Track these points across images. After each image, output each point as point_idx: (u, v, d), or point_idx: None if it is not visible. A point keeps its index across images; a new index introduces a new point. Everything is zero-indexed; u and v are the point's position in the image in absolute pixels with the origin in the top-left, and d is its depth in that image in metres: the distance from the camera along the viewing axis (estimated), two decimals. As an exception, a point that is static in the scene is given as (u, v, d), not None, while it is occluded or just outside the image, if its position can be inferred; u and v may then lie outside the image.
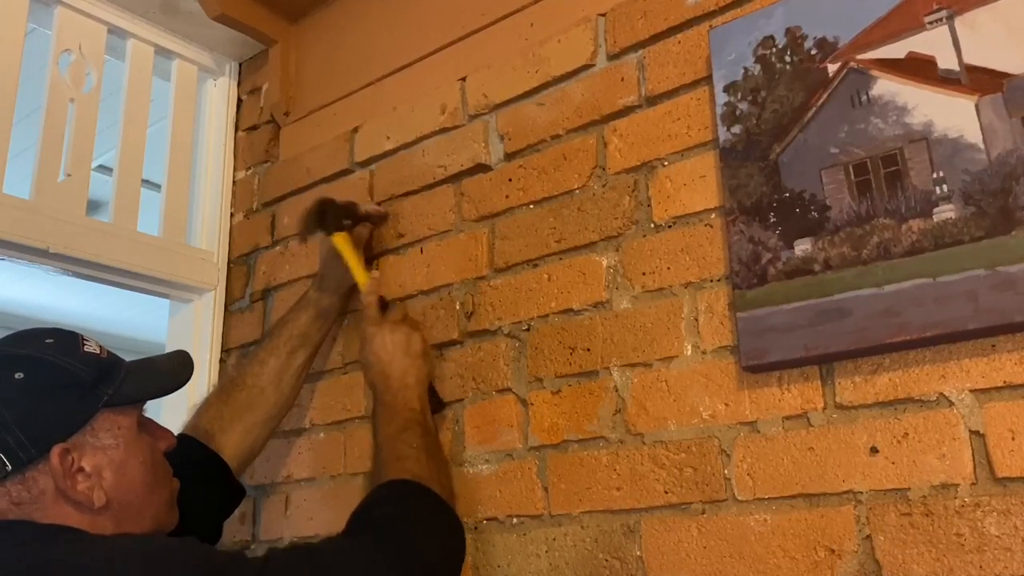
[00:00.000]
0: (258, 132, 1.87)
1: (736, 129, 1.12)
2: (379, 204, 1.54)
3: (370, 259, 1.51)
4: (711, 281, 1.13)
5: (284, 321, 1.46)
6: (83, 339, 1.02)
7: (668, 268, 1.18)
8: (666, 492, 1.11)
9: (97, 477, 0.96)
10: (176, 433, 1.27)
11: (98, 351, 1.01)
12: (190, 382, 1.28)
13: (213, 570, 0.90)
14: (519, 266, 1.34)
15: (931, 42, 0.99)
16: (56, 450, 0.93)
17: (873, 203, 1.00)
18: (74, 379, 0.96)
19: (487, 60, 1.46)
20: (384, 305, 1.39)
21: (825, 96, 1.06)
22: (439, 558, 1.07)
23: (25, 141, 1.55)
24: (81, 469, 0.95)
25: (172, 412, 1.52)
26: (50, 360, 0.96)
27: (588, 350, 1.23)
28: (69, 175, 1.58)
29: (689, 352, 1.13)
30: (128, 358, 1.06)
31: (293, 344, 1.43)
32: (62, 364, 0.97)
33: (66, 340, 1.00)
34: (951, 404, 0.94)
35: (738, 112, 1.12)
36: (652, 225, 1.21)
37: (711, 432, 1.09)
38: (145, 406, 1.06)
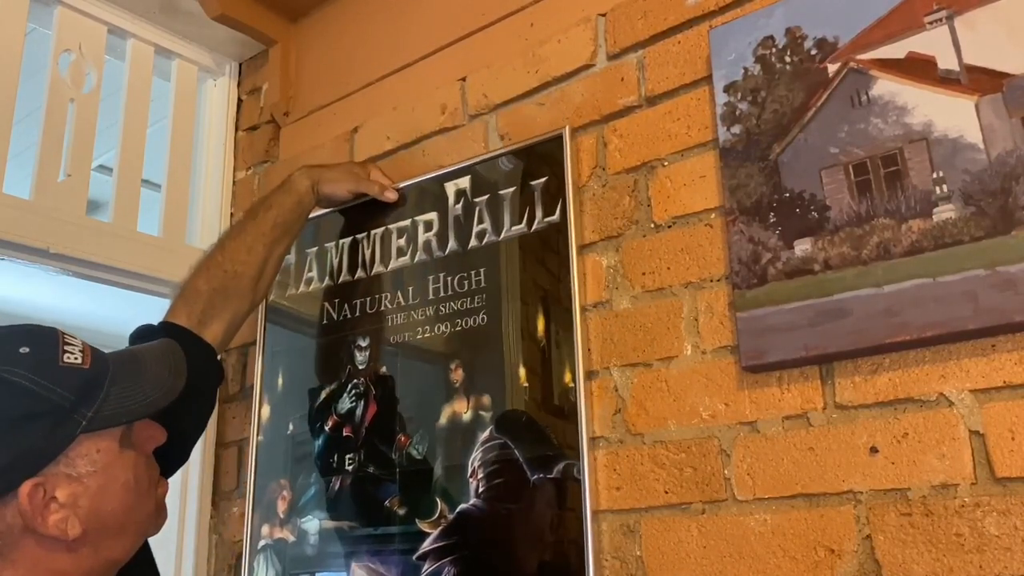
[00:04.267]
0: (258, 132, 1.87)
1: (736, 129, 1.12)
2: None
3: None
4: (711, 281, 1.13)
5: (268, 205, 1.37)
6: (63, 344, 0.89)
7: (668, 268, 1.18)
8: (666, 492, 1.11)
9: (72, 507, 0.86)
10: (170, 313, 1.23)
11: (79, 360, 0.88)
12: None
13: None
14: (519, 266, 1.33)
15: (931, 42, 0.99)
16: (26, 488, 0.83)
17: (873, 203, 0.99)
18: (48, 405, 0.85)
19: (487, 60, 1.46)
20: None
21: (825, 96, 1.06)
22: None
23: (25, 141, 1.55)
24: (54, 499, 0.86)
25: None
26: (21, 384, 0.84)
27: (588, 350, 1.22)
28: (69, 175, 1.58)
29: (689, 352, 1.13)
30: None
31: (277, 233, 1.35)
32: (35, 388, 0.84)
33: (43, 349, 0.87)
34: (951, 404, 0.94)
35: (738, 112, 1.12)
36: (652, 225, 1.21)
37: (711, 432, 1.09)
38: None
